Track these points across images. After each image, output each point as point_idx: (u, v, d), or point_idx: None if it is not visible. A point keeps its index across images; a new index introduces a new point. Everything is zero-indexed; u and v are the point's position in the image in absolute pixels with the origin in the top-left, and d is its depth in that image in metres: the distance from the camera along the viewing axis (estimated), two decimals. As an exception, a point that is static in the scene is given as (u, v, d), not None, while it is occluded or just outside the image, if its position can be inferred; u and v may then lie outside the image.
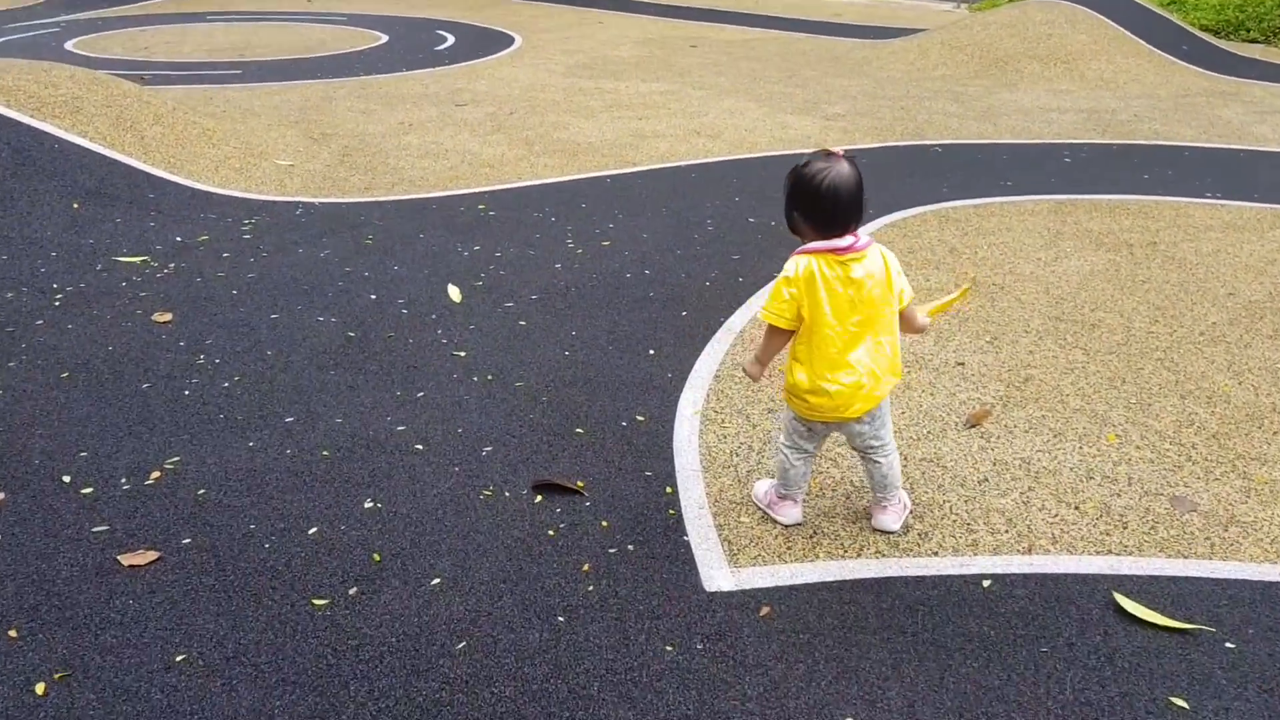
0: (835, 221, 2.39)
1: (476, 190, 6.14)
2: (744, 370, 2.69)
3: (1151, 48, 11.43)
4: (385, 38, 12.43)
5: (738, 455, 3.17)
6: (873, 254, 2.45)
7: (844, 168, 2.37)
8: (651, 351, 3.92)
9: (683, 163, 6.91)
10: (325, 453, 3.11)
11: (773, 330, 2.52)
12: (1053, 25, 11.43)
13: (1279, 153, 7.51)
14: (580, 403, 3.48)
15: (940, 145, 7.60)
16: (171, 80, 9.41)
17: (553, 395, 3.53)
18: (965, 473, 3.10)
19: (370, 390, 3.55)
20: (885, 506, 2.77)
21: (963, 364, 3.88)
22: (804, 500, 2.84)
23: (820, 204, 2.37)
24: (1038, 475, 3.09)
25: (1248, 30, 14.36)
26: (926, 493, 2.98)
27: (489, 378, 3.66)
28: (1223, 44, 13.05)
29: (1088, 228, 5.65)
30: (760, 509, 2.87)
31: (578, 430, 3.29)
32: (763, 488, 2.90)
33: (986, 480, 3.06)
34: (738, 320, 4.25)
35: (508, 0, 17.09)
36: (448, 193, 6.08)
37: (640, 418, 3.39)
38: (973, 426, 3.39)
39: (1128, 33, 11.61)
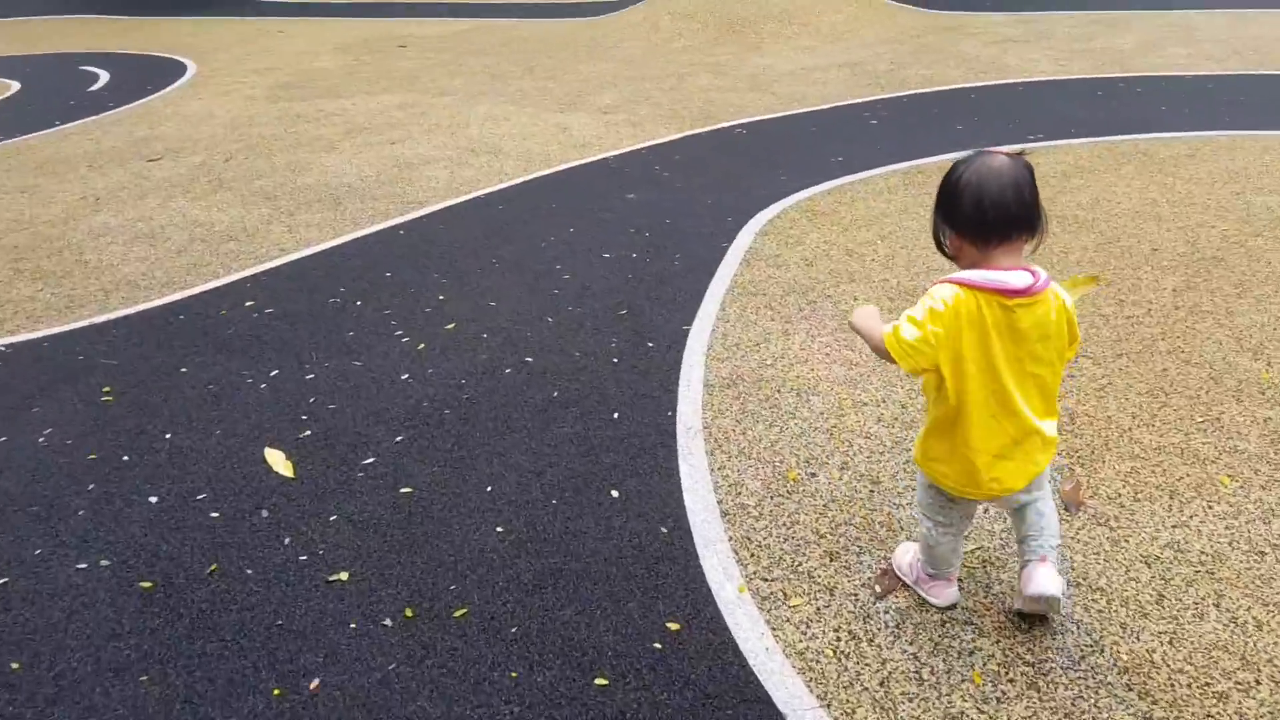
0: (985, 226, 1.82)
1: (230, 279, 4.57)
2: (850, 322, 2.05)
3: (868, -8, 11.49)
4: (16, 85, 9.81)
5: (864, 666, 2.15)
6: (1049, 297, 1.86)
7: (995, 160, 1.83)
8: (615, 494, 2.78)
9: (478, 193, 5.66)
10: None
11: (884, 351, 1.90)
12: (777, -19, 11.15)
13: (1060, 80, 7.49)
14: (573, 624, 2.30)
15: (741, 126, 6.88)
16: None
17: (524, 622, 2.31)
18: (1134, 595, 2.29)
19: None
20: (1045, 558, 2.11)
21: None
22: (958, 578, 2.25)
23: (960, 204, 1.84)
24: (1217, 568, 2.35)
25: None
26: (1136, 648, 2.14)
27: (408, 614, 2.37)
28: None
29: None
30: (906, 583, 2.30)
31: (598, 683, 2.12)
32: (907, 557, 2.34)
33: (1178, 603, 2.27)
34: (690, 412, 3.20)
35: (154, 20, 14.49)
36: (192, 291, 4.46)
37: (673, 625, 2.27)
38: (1077, 509, 2.60)
39: (843, -20, 11.60)
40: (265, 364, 3.69)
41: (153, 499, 2.88)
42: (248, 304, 4.26)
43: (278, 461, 3.03)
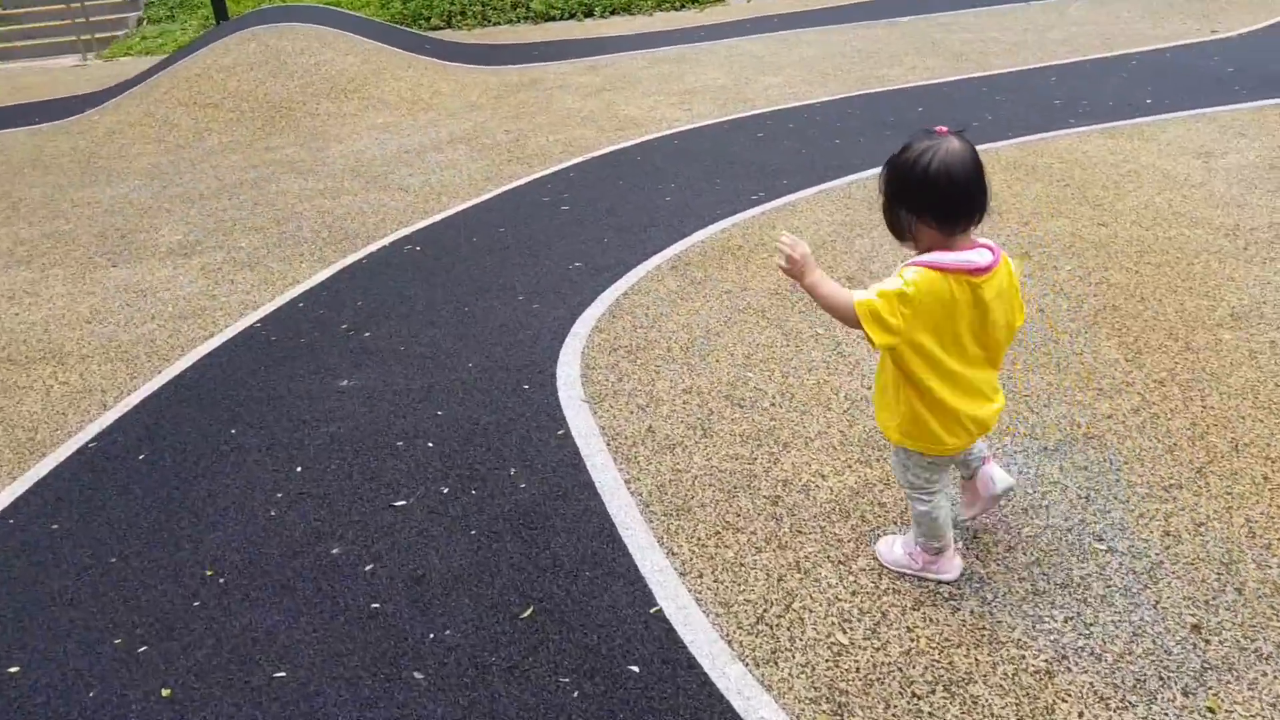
0: (957, 212, 1.94)
1: None
2: (784, 261, 2.05)
3: (412, 54, 10.25)
4: None
5: None
6: (1003, 266, 2.02)
7: (954, 144, 1.92)
8: None
9: (79, 438, 3.47)
10: None
11: (854, 318, 1.95)
12: (311, 54, 9.46)
13: (708, 126, 6.99)
14: None
15: (405, 240, 5.31)
16: None
17: None
18: None
19: None
20: (987, 458, 2.40)
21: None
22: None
23: (933, 192, 1.92)
24: None
25: (427, 19, 14.36)
26: None
27: None
28: (443, 36, 12.62)
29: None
30: (906, 573, 2.32)
31: None
32: (899, 548, 2.35)
33: None
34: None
35: None
36: None
37: None
38: None
39: (381, 44, 10.25)
40: None
41: None
42: None
43: None
